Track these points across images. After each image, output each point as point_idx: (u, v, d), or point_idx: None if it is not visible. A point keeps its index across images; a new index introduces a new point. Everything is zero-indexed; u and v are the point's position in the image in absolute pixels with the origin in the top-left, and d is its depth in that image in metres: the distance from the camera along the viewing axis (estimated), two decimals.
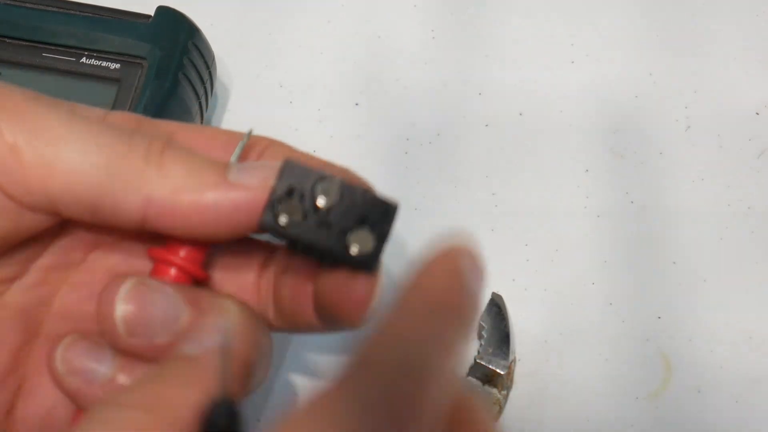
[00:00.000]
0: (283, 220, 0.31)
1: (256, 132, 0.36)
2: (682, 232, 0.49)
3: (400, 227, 0.48)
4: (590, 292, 0.47)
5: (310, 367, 0.45)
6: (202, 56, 0.48)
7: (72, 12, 0.48)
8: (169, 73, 0.46)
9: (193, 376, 0.27)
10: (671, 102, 0.52)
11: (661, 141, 0.51)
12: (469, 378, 0.44)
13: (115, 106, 0.45)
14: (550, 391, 0.45)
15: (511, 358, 0.45)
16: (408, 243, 0.46)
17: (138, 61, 0.46)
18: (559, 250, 0.48)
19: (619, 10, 0.55)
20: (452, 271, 0.26)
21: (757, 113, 0.52)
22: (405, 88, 0.53)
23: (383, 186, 0.35)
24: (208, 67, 0.48)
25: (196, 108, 0.48)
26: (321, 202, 0.31)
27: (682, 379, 0.45)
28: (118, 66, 0.46)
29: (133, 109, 0.45)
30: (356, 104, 0.52)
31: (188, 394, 0.26)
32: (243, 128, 0.52)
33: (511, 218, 0.49)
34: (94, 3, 0.48)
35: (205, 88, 0.48)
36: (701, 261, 0.48)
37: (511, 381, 0.45)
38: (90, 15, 0.48)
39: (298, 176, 0.32)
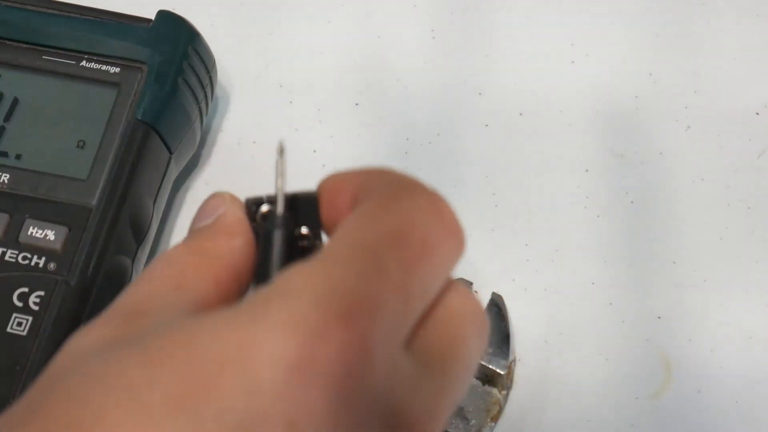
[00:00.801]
0: None
1: (257, 130, 0.36)
2: (682, 232, 0.49)
3: None
4: (590, 292, 0.47)
5: None
6: (203, 61, 0.48)
7: (72, 15, 0.47)
8: (169, 77, 0.46)
9: (216, 231, 0.29)
10: (671, 102, 0.52)
11: (661, 141, 0.51)
12: None
13: (113, 110, 0.45)
14: (550, 391, 0.45)
15: (511, 358, 0.45)
16: None
17: (138, 65, 0.46)
18: (559, 250, 0.48)
19: (619, 10, 0.54)
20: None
21: (757, 113, 0.52)
22: (405, 88, 0.53)
23: None
24: (208, 72, 0.48)
25: (195, 113, 0.47)
26: None
27: (682, 379, 0.45)
28: (117, 70, 0.46)
29: (132, 113, 0.45)
30: (356, 104, 0.52)
31: (221, 240, 0.29)
32: (242, 129, 0.52)
33: (511, 218, 0.49)
34: (95, 6, 0.48)
35: (205, 93, 0.48)
36: (701, 261, 0.48)
37: (511, 381, 0.45)
38: (90, 18, 0.47)
39: None
